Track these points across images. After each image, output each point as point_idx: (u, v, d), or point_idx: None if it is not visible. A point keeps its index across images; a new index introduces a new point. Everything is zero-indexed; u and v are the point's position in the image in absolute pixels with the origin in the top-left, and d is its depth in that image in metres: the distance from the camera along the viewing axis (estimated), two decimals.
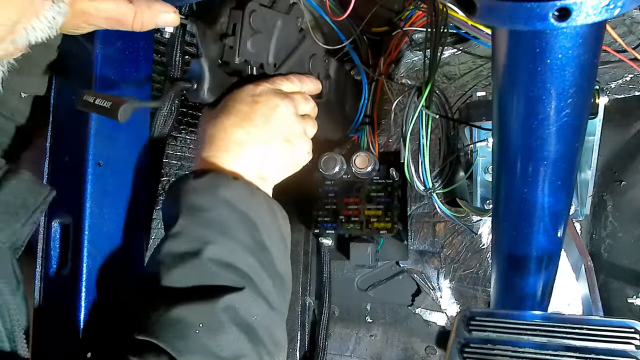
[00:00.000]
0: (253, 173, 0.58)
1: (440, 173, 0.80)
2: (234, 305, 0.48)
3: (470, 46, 0.97)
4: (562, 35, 0.34)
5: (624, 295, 0.89)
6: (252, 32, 0.63)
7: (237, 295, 0.48)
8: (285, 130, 0.60)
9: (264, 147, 0.58)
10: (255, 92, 0.60)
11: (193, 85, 0.60)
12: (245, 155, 0.57)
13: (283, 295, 0.56)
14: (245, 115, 0.58)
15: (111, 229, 0.68)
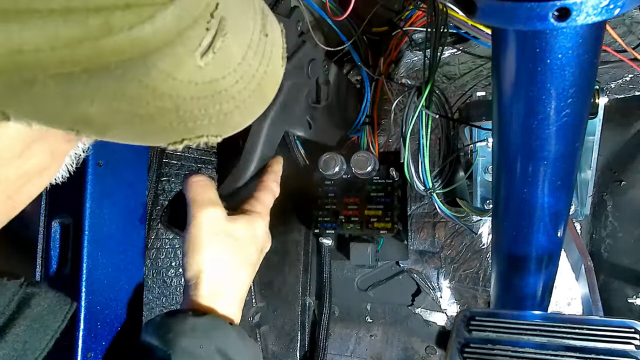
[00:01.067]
0: (240, 299, 0.60)
1: (440, 173, 0.80)
2: None
3: (470, 46, 0.97)
4: (562, 35, 0.34)
5: (624, 295, 0.89)
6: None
7: None
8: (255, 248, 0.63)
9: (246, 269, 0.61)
10: (258, 241, 0.62)
11: None
12: (244, 293, 0.60)
13: None
14: (251, 261, 0.61)
15: (111, 229, 0.68)
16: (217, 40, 0.30)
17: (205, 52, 0.30)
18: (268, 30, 0.37)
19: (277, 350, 1.05)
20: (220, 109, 0.34)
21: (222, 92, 0.33)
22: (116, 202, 0.69)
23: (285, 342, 1.05)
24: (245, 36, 0.34)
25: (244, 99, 0.36)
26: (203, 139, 0.34)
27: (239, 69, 0.34)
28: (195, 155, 1.01)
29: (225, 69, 0.33)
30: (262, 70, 0.37)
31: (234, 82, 0.34)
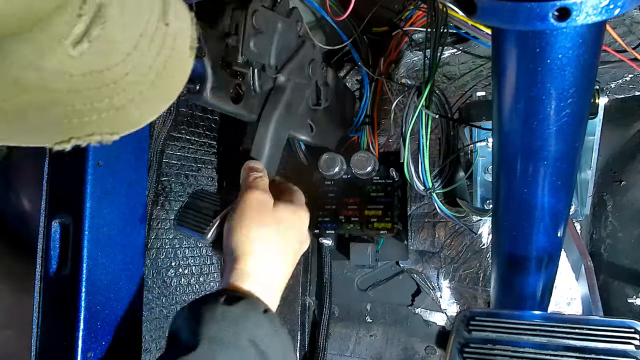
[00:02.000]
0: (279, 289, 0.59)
1: (440, 173, 0.80)
2: None
3: (470, 46, 0.97)
4: (562, 35, 0.34)
5: (624, 295, 0.89)
6: (255, 32, 0.63)
7: None
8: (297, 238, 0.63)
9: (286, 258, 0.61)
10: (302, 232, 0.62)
11: (196, 86, 0.59)
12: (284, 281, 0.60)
13: None
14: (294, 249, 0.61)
15: (111, 229, 0.68)
16: (93, 28, 0.27)
17: (79, 41, 0.27)
18: (170, 19, 0.34)
19: None
20: (111, 103, 0.31)
21: (109, 84, 0.30)
22: (116, 202, 0.69)
23: None
24: (136, 25, 0.31)
25: (140, 91, 0.32)
26: (95, 137, 0.31)
27: (130, 60, 0.31)
28: (196, 155, 1.01)
29: (109, 59, 0.30)
30: (162, 61, 0.33)
31: (123, 73, 0.31)
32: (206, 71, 0.59)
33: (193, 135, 0.99)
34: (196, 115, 1.00)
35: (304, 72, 0.74)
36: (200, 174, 1.02)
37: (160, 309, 0.90)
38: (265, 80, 0.68)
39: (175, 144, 0.95)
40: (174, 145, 0.95)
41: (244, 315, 0.51)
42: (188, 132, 0.98)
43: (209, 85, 0.59)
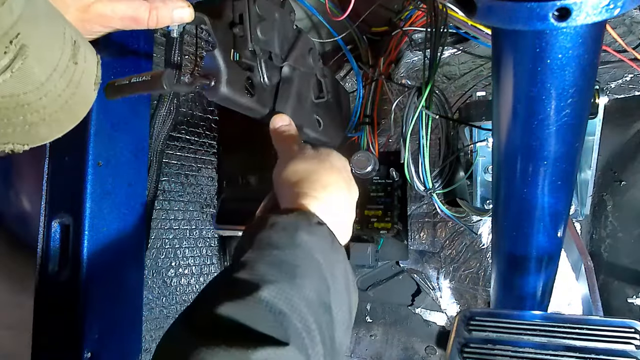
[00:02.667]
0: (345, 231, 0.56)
1: (440, 173, 0.80)
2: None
3: (470, 46, 0.97)
4: (562, 35, 0.34)
5: (624, 295, 0.89)
6: (259, 19, 0.62)
7: (278, 350, 0.40)
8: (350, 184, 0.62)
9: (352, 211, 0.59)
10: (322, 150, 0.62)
11: (210, 82, 0.57)
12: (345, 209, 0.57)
13: None
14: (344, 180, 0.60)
15: (111, 229, 0.68)
16: (15, 62, 0.36)
17: (3, 71, 0.36)
18: (79, 59, 0.43)
19: None
20: (25, 120, 0.39)
21: (24, 105, 0.38)
22: (116, 202, 0.69)
23: None
24: (50, 62, 0.40)
25: (50, 114, 0.41)
26: (9, 146, 0.39)
27: (43, 88, 0.39)
28: (196, 155, 1.01)
29: (27, 86, 0.38)
30: (70, 92, 0.42)
31: (37, 98, 0.39)
32: (219, 64, 0.58)
33: (193, 135, 1.00)
34: (196, 115, 1.00)
35: (307, 60, 0.74)
36: (200, 174, 1.02)
37: (160, 309, 0.90)
38: (272, 72, 0.67)
39: (175, 144, 0.95)
40: (174, 145, 0.95)
41: (294, 223, 0.49)
42: (188, 132, 0.98)
43: (224, 79, 0.58)
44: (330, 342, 0.46)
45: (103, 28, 0.55)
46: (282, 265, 0.45)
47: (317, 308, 0.45)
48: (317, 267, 0.47)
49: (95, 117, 0.65)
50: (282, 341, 0.41)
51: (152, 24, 0.55)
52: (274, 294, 0.43)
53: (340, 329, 0.48)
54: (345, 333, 0.49)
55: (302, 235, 0.47)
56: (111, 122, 0.68)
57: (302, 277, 0.45)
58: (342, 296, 0.49)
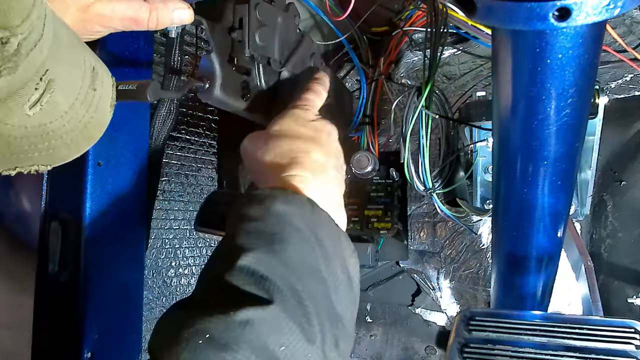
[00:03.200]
0: (334, 201, 0.53)
1: (440, 173, 0.80)
2: (253, 321, 0.40)
3: (470, 46, 0.96)
4: (562, 35, 0.34)
5: (624, 295, 0.89)
6: (259, 25, 0.62)
7: (261, 310, 0.40)
8: (340, 159, 0.57)
9: (337, 174, 0.55)
10: (309, 117, 0.57)
11: (205, 84, 0.58)
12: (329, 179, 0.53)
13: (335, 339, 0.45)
14: (315, 140, 0.54)
15: (111, 229, 0.68)
16: (44, 96, 0.39)
17: (34, 105, 0.39)
18: (97, 86, 0.46)
19: None
20: (49, 145, 0.43)
21: (49, 133, 0.42)
22: (116, 202, 0.69)
23: None
24: (72, 91, 0.43)
25: (71, 138, 0.45)
26: (34, 167, 0.43)
27: (66, 116, 0.43)
28: (196, 155, 1.01)
29: (53, 116, 0.42)
30: (89, 117, 0.46)
31: (61, 125, 0.43)
32: (214, 67, 0.58)
33: (193, 135, 1.00)
34: (196, 115, 1.00)
35: (307, 65, 0.74)
36: (200, 174, 1.02)
37: (160, 309, 0.90)
38: (270, 76, 0.67)
39: (175, 144, 0.95)
40: (174, 145, 0.95)
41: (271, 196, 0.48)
42: (188, 132, 0.98)
43: (219, 82, 0.58)
44: (327, 308, 0.45)
45: (103, 28, 0.55)
46: (260, 234, 0.45)
47: (302, 271, 0.44)
48: (297, 233, 0.46)
49: None
50: (265, 299, 0.41)
51: (152, 25, 0.55)
52: (254, 260, 0.43)
53: (337, 294, 0.47)
54: (345, 298, 0.48)
55: (278, 205, 0.47)
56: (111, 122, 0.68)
57: (281, 243, 0.45)
58: (332, 259, 0.47)
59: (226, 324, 0.39)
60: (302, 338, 0.41)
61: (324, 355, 0.43)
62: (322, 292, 0.45)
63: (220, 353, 0.38)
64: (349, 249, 0.50)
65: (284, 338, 0.41)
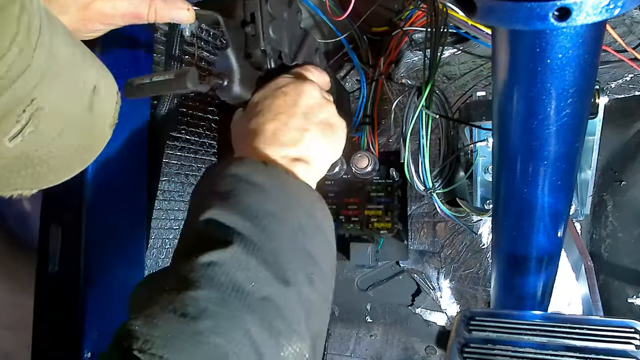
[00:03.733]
0: (290, 157, 0.53)
1: (440, 173, 0.80)
2: (216, 261, 0.41)
3: (470, 46, 0.96)
4: (562, 35, 0.34)
5: (624, 295, 0.89)
6: (271, 19, 0.62)
7: (222, 252, 0.42)
8: (321, 114, 0.57)
9: (303, 133, 0.54)
10: (279, 84, 0.58)
11: (223, 82, 0.57)
12: (281, 140, 0.53)
13: (308, 277, 0.46)
14: (277, 108, 0.55)
15: (111, 229, 0.68)
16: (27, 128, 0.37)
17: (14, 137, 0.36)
18: (95, 106, 0.43)
19: None
20: (33, 171, 0.40)
21: (34, 160, 0.40)
22: (116, 202, 0.69)
23: None
24: (64, 117, 0.41)
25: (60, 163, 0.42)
26: (17, 192, 0.41)
27: (54, 143, 0.40)
28: (196, 155, 1.01)
29: (38, 144, 0.39)
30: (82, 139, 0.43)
31: (47, 152, 0.40)
32: (232, 64, 0.57)
33: (193, 135, 0.99)
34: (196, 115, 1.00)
35: (314, 60, 0.74)
36: (200, 174, 1.02)
37: None
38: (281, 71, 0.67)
39: (175, 144, 0.95)
40: (174, 145, 0.95)
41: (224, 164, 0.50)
42: (188, 132, 0.98)
43: (237, 78, 0.58)
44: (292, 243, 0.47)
45: (104, 26, 0.56)
46: (217, 193, 0.47)
47: (260, 216, 0.46)
48: (251, 186, 0.47)
49: None
50: (226, 242, 0.43)
51: (151, 18, 0.56)
52: (213, 214, 0.45)
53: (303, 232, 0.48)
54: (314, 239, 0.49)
55: (232, 168, 0.49)
56: None
57: (236, 196, 0.46)
58: (292, 205, 0.49)
59: (190, 267, 0.41)
60: (269, 274, 0.43)
61: (299, 292, 0.44)
62: (285, 233, 0.47)
63: (186, 292, 0.39)
64: (313, 196, 0.52)
65: (251, 274, 0.42)
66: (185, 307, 0.38)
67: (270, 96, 0.56)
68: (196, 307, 0.39)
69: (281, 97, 0.56)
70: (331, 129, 0.57)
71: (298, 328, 0.43)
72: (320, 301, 0.47)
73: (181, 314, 0.38)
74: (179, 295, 0.39)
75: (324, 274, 0.49)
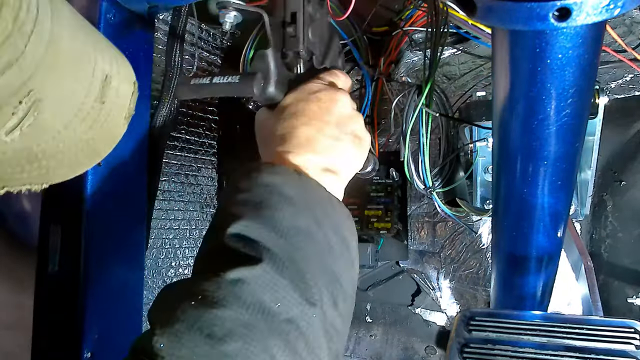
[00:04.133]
0: (322, 167, 0.52)
1: (440, 172, 0.80)
2: (244, 279, 0.40)
3: (470, 46, 0.96)
4: (562, 35, 0.34)
5: (624, 295, 0.89)
6: (310, 20, 0.61)
7: (251, 269, 0.41)
8: (352, 125, 0.56)
9: (335, 143, 0.53)
10: (312, 89, 0.56)
11: (260, 82, 0.55)
12: (314, 148, 0.52)
13: (334, 299, 0.45)
14: (312, 114, 0.53)
15: (111, 229, 0.68)
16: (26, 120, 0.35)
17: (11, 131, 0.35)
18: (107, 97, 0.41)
19: None
20: (39, 165, 0.38)
21: (38, 154, 0.38)
22: (116, 202, 0.69)
23: None
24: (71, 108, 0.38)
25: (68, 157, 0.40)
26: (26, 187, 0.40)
27: (59, 136, 0.38)
28: (196, 155, 1.01)
29: (41, 138, 0.37)
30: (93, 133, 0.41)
31: (54, 145, 0.38)
32: (269, 64, 0.55)
33: (193, 135, 0.99)
34: (196, 115, 1.00)
35: (338, 64, 0.73)
36: (200, 174, 1.02)
37: None
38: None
39: (175, 144, 0.95)
40: (174, 145, 0.95)
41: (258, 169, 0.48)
42: (188, 132, 0.98)
43: (274, 79, 0.55)
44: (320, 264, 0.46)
45: None
46: (247, 203, 0.46)
47: (292, 234, 0.45)
48: (284, 200, 0.46)
49: None
50: (256, 259, 0.42)
51: None
52: (243, 227, 0.44)
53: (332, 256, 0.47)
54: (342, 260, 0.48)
55: (264, 176, 0.47)
56: None
57: (269, 209, 0.45)
58: (323, 222, 0.48)
59: (217, 284, 0.40)
60: (296, 296, 0.42)
61: (324, 315, 0.43)
62: (314, 252, 0.46)
63: (212, 310, 0.38)
64: (343, 213, 0.51)
65: (278, 294, 0.41)
66: (211, 327, 0.38)
67: (304, 100, 0.55)
68: (222, 328, 0.38)
69: (315, 102, 0.54)
70: (360, 141, 0.56)
71: (319, 352, 0.43)
72: (342, 324, 0.47)
73: (207, 334, 0.37)
74: (205, 314, 0.38)
75: (347, 296, 0.48)
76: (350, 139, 0.55)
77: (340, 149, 0.54)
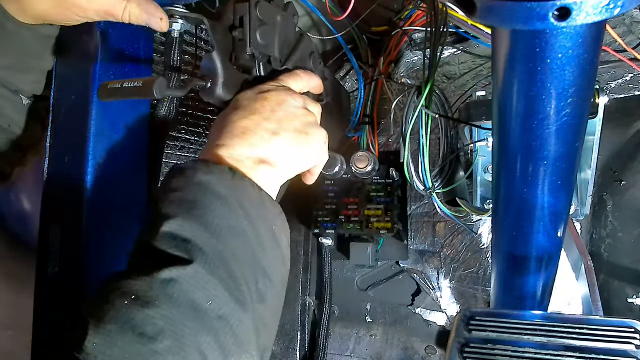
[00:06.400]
0: (256, 159, 0.53)
1: (440, 173, 0.80)
2: (176, 279, 0.42)
3: (470, 46, 0.97)
4: (562, 35, 0.34)
5: (624, 295, 0.89)
6: (260, 23, 0.62)
7: (183, 269, 0.42)
8: (296, 123, 0.57)
9: (272, 137, 0.54)
10: (263, 89, 0.59)
11: (207, 84, 0.58)
12: (249, 140, 0.53)
13: (262, 294, 0.47)
14: (253, 109, 0.55)
15: (111, 229, 0.68)
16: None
17: None
18: None
19: (277, 350, 1.05)
20: None
21: None
22: (116, 203, 0.69)
23: (285, 342, 1.05)
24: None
25: None
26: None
27: None
28: (196, 155, 1.01)
29: None
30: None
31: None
32: (216, 66, 0.58)
33: (193, 135, 0.99)
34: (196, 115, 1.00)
35: (307, 65, 0.74)
36: None
37: None
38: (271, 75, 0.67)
39: (175, 144, 0.95)
40: (174, 145, 0.95)
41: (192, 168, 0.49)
42: (188, 132, 0.98)
43: (221, 81, 0.58)
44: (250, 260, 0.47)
45: (79, 18, 0.58)
46: (182, 202, 0.47)
47: (224, 232, 0.46)
48: (217, 199, 0.47)
49: (94, 117, 0.65)
50: (187, 260, 0.43)
51: (125, 19, 0.58)
52: (176, 226, 0.45)
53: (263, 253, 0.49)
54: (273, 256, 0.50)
55: (199, 175, 0.48)
56: (111, 122, 0.68)
57: (202, 209, 0.47)
58: (255, 220, 0.49)
59: (150, 284, 0.41)
60: (227, 294, 0.44)
61: (253, 311, 0.45)
62: (245, 250, 0.47)
63: (144, 310, 0.40)
64: (275, 211, 0.52)
65: (209, 293, 0.43)
66: (143, 326, 0.39)
67: (251, 98, 0.57)
68: (154, 327, 0.39)
69: (260, 101, 0.57)
70: (305, 137, 0.57)
71: (249, 347, 0.45)
72: (270, 317, 0.49)
73: (139, 333, 0.39)
74: (137, 314, 0.40)
75: (277, 291, 0.50)
76: (292, 134, 0.56)
77: (278, 143, 0.55)
